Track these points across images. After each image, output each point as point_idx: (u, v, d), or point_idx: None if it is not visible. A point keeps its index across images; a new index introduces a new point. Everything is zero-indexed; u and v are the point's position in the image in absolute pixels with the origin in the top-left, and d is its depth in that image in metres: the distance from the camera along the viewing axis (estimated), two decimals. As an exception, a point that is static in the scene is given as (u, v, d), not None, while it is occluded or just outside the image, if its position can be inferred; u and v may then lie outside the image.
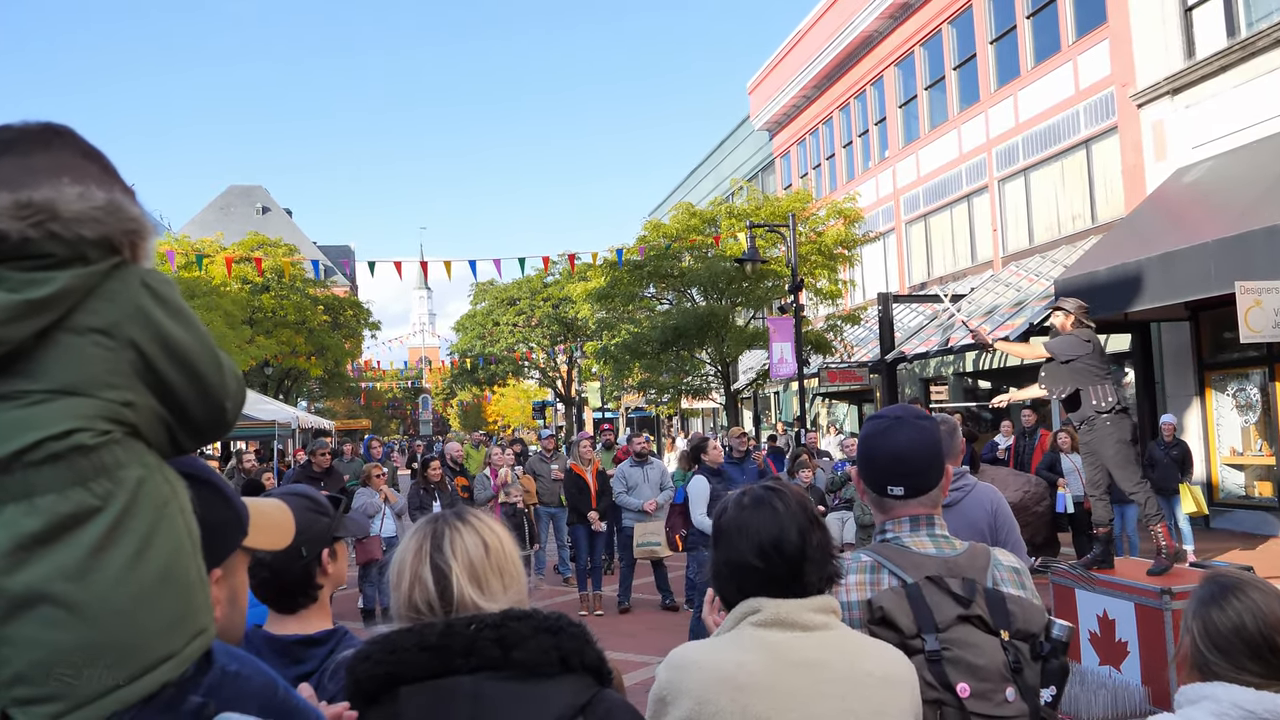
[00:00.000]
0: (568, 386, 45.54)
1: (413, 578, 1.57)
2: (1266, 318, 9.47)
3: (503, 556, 1.61)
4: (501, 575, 1.59)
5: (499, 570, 1.59)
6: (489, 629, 1.48)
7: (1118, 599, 6.25)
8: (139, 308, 1.26)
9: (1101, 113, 16.68)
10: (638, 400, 37.92)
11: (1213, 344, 14.35)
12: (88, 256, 1.22)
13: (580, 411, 47.90)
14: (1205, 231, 11.69)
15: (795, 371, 17.45)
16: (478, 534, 1.61)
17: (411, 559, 1.58)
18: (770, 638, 1.73)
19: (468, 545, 1.58)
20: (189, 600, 1.27)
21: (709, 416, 37.57)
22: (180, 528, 1.29)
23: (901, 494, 2.14)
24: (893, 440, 2.17)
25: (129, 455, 1.24)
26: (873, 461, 2.20)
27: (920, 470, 2.14)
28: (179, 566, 1.26)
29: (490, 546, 1.60)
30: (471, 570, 1.56)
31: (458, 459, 11.90)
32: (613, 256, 20.64)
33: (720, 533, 1.85)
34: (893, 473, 2.15)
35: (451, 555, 1.57)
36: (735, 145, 34.63)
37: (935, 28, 21.61)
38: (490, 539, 1.61)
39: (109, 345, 1.23)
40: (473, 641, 1.46)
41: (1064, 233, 17.88)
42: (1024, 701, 1.96)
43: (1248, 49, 13.15)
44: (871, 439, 2.22)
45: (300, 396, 41.76)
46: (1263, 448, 13.75)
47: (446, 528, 1.61)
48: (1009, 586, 2.07)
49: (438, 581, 1.55)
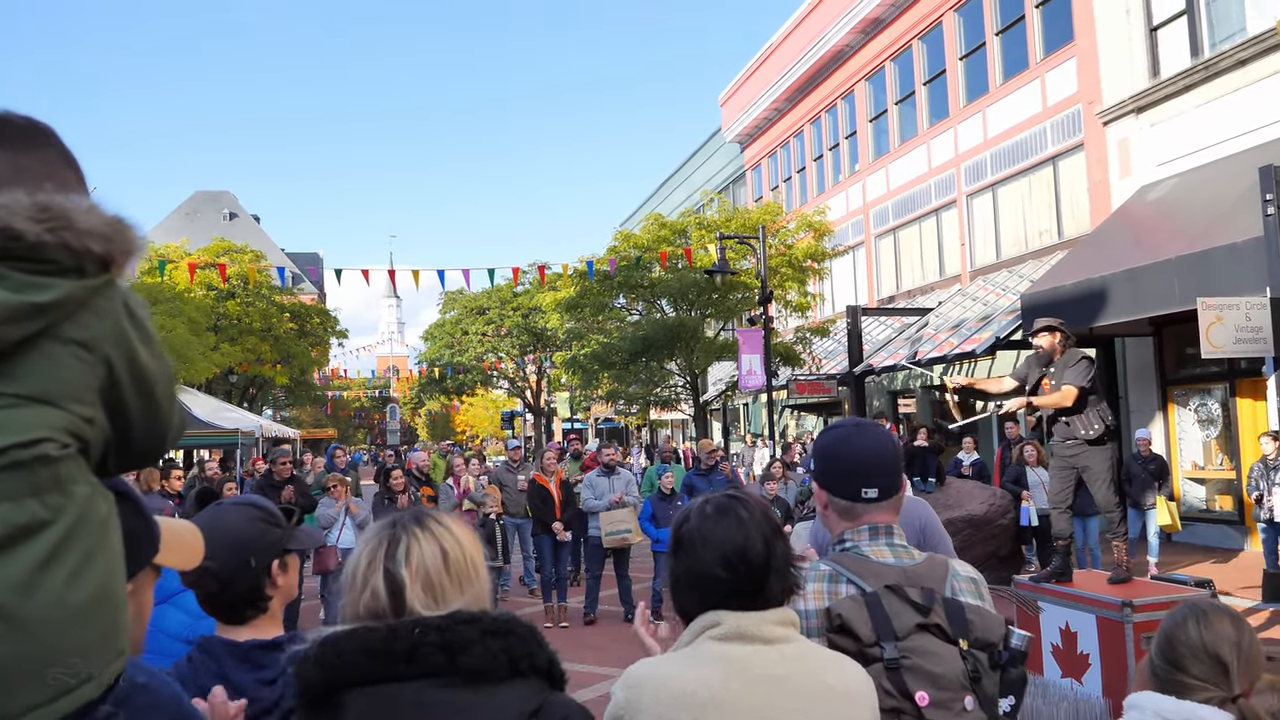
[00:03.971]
0: (537, 397, 45.37)
1: (364, 585, 1.50)
2: (1228, 333, 9.58)
3: (463, 564, 1.53)
4: (460, 584, 1.52)
5: (458, 579, 1.52)
6: (434, 632, 1.42)
7: (1079, 611, 6.30)
8: (119, 327, 1.26)
9: (1068, 130, 16.86)
10: (607, 411, 37.84)
11: (1175, 359, 14.51)
12: (85, 269, 1.23)
13: (549, 422, 47.74)
14: (1169, 248, 11.83)
15: (764, 383, 17.46)
16: (436, 541, 1.53)
17: (364, 566, 1.52)
18: (730, 652, 1.69)
19: (424, 554, 1.51)
20: (115, 620, 1.26)
21: (678, 428, 37.56)
22: (115, 546, 1.28)
23: (875, 496, 2.12)
24: (863, 444, 2.16)
25: (80, 471, 1.23)
26: (843, 466, 2.17)
27: (892, 471, 2.15)
28: (112, 586, 1.26)
29: (449, 554, 1.53)
30: (427, 580, 1.49)
31: (423, 469, 11.77)
32: (583, 267, 20.59)
33: (682, 542, 1.79)
34: (866, 475, 2.13)
35: (405, 564, 1.50)
36: (707, 157, 34.74)
37: (906, 43, 21.79)
38: (450, 545, 1.54)
39: (87, 359, 1.22)
40: (415, 646, 1.40)
41: (1031, 248, 18.04)
42: (983, 711, 1.95)
43: (1211, 69, 13.35)
44: (837, 446, 2.19)
45: (265, 405, 41.30)
46: (1224, 462, 13.90)
47: (404, 534, 1.53)
48: (967, 596, 2.07)
49: (391, 593, 1.48)
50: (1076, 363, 6.64)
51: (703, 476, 10.69)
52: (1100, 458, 6.62)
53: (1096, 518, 10.48)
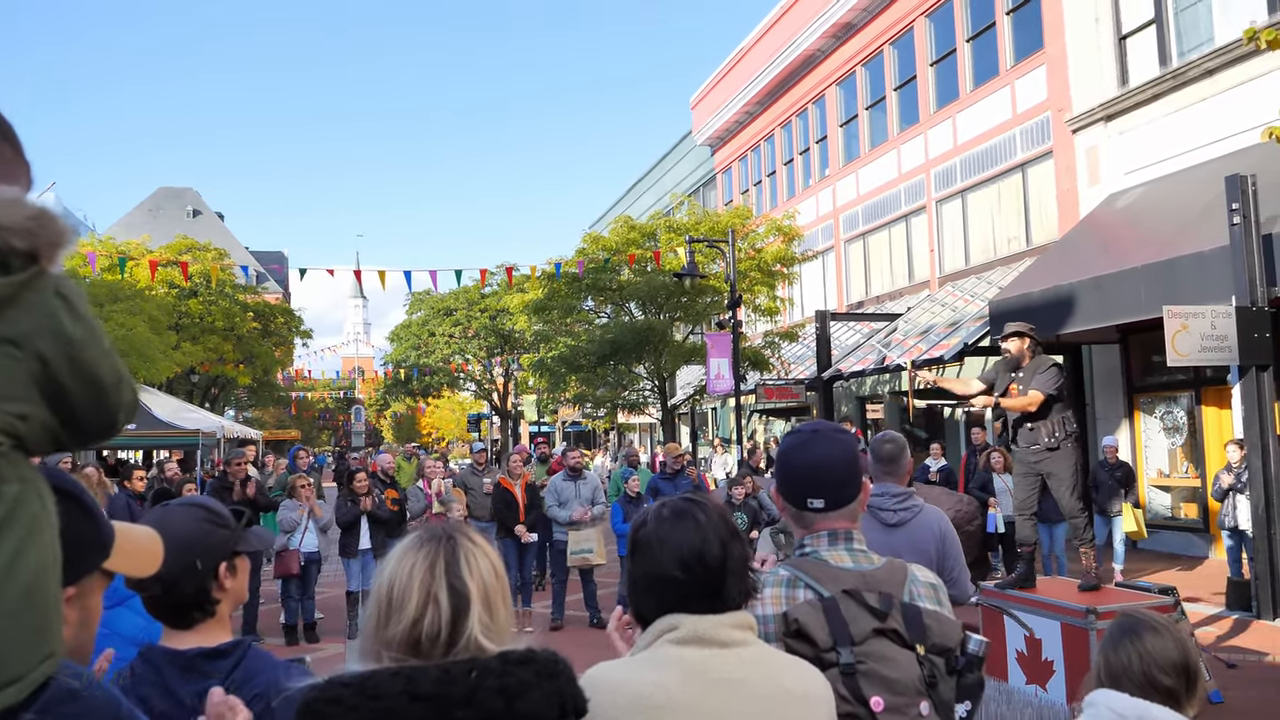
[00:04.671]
0: (504, 399, 45.09)
1: (425, 600, 1.34)
2: (1193, 342, 9.58)
3: (504, 582, 1.46)
4: (504, 603, 1.43)
5: (503, 598, 1.42)
6: (492, 676, 1.29)
7: (1044, 618, 6.35)
8: (52, 318, 1.23)
9: (1037, 137, 16.93)
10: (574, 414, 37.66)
11: (1141, 367, 14.58)
12: (9, 265, 1.19)
13: (516, 425, 47.46)
14: (1135, 256, 11.87)
15: (732, 387, 17.38)
16: (488, 555, 1.43)
17: (424, 577, 1.36)
18: (688, 655, 1.67)
19: (482, 567, 1.40)
20: (46, 620, 1.23)
21: (645, 431, 37.44)
22: (48, 545, 1.25)
23: (821, 506, 2.13)
24: (812, 453, 2.16)
25: (11, 470, 1.21)
26: (792, 474, 2.18)
27: (839, 482, 2.13)
28: (42, 585, 1.22)
29: (498, 570, 1.44)
30: (485, 596, 1.38)
31: (389, 471, 11.57)
32: (551, 269, 20.43)
33: (639, 545, 1.78)
34: (812, 485, 2.13)
35: (469, 576, 1.37)
36: (677, 160, 34.68)
37: (877, 49, 21.83)
38: (497, 562, 1.45)
39: (15, 356, 1.20)
40: (474, 691, 1.28)
41: (999, 254, 18.10)
42: (938, 716, 1.97)
43: (1179, 78, 13.43)
44: (790, 453, 2.20)
45: (228, 405, 40.75)
46: (1189, 470, 13.98)
47: (459, 544, 1.41)
48: (925, 601, 2.08)
49: (455, 607, 1.35)
50: (1046, 369, 6.65)
51: (668, 480, 10.57)
52: (1063, 464, 6.63)
53: (1063, 524, 10.48)
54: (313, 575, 10.19)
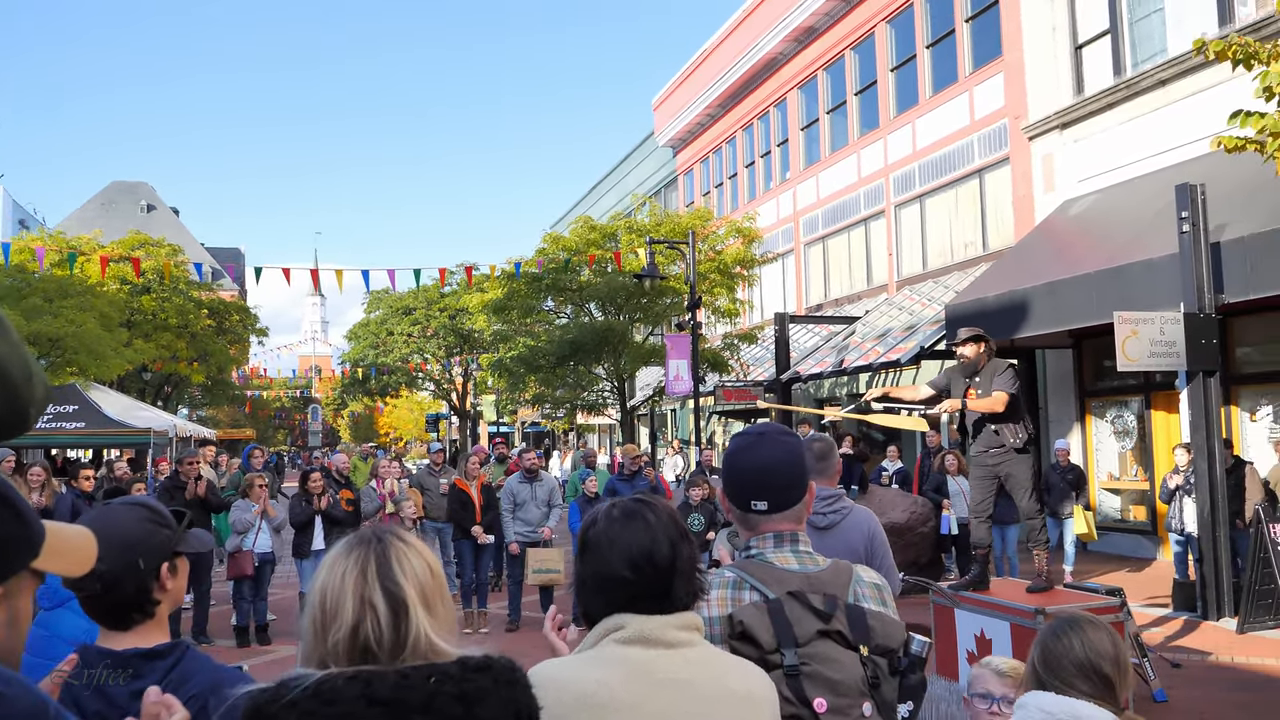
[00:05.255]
0: (463, 399, 44.80)
1: (361, 606, 1.30)
2: (1142, 347, 9.74)
3: (443, 580, 1.44)
4: (443, 603, 1.39)
5: (441, 597, 1.39)
6: (451, 682, 1.26)
7: (994, 619, 6.44)
8: None
9: (995, 143, 17.14)
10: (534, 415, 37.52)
11: (1093, 371, 14.81)
12: None
13: (475, 425, 47.17)
14: (1088, 262, 12.04)
15: (691, 389, 17.40)
16: (422, 555, 1.39)
17: (355, 583, 1.32)
18: (633, 655, 1.68)
19: (416, 567, 1.36)
20: None
21: (605, 432, 37.39)
22: None
23: (765, 509, 2.14)
24: (756, 456, 2.17)
25: None
26: (736, 477, 2.19)
27: (783, 485, 2.14)
28: None
29: (434, 569, 1.41)
30: (424, 596, 1.35)
31: (344, 471, 11.44)
32: (510, 269, 20.34)
33: (589, 545, 1.79)
34: (756, 488, 2.14)
35: (404, 578, 1.34)
36: (639, 161, 34.68)
37: (838, 53, 21.98)
38: (432, 561, 1.41)
39: None
40: (433, 696, 1.25)
41: (957, 259, 18.30)
42: (881, 716, 1.99)
43: (1132, 88, 13.65)
44: (735, 455, 2.22)
45: (181, 404, 40.09)
46: (1138, 473, 14.21)
47: (391, 546, 1.37)
48: (870, 602, 2.09)
49: (394, 611, 1.31)
50: (1004, 371, 6.73)
51: (626, 481, 10.56)
52: (1023, 466, 6.73)
53: (1015, 526, 10.61)
54: (266, 576, 10.05)
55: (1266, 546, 8.81)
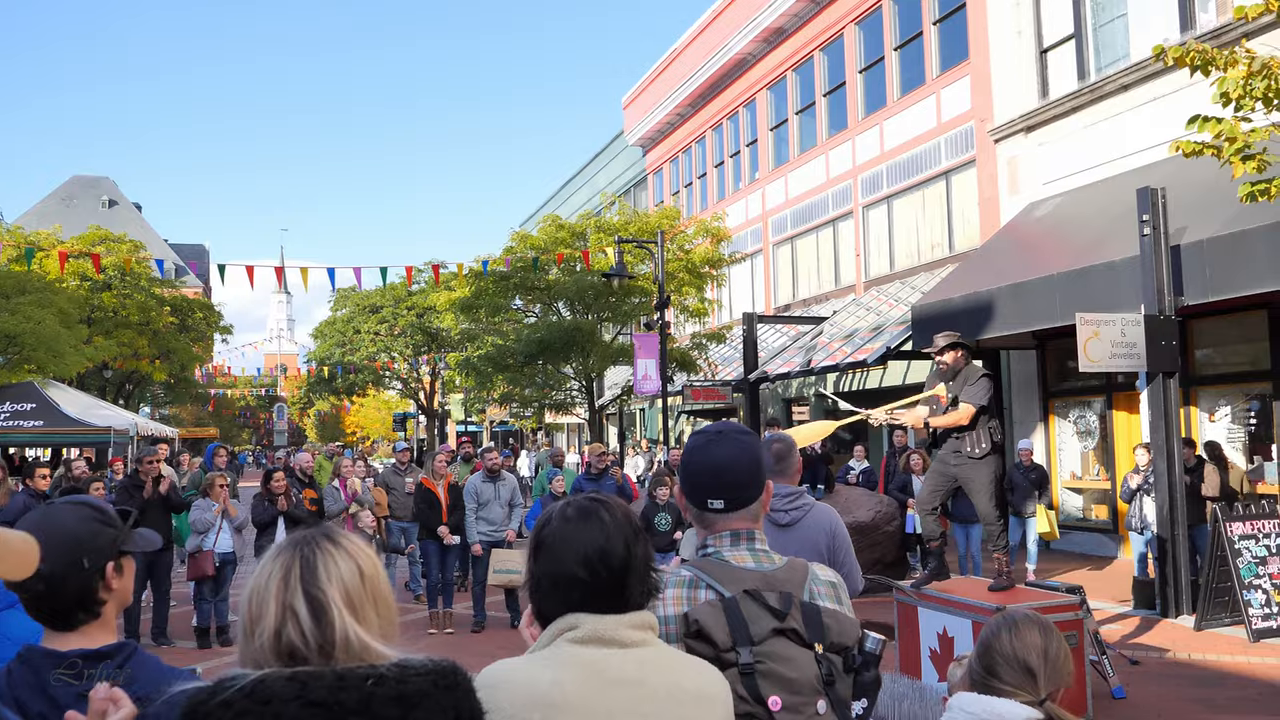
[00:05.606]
0: (430, 399, 44.55)
1: (282, 611, 1.31)
2: (1104, 349, 9.84)
3: (377, 583, 1.41)
4: (376, 606, 1.37)
5: (374, 600, 1.37)
6: (389, 684, 1.25)
7: (957, 617, 6.47)
8: None
9: (961, 146, 17.27)
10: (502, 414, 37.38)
11: (1057, 372, 14.96)
12: None
13: (443, 424, 46.93)
14: (1052, 264, 12.17)
15: (659, 388, 17.40)
16: (351, 558, 1.38)
17: (277, 588, 1.33)
18: (587, 655, 1.67)
19: (343, 571, 1.35)
20: None
21: (574, 432, 37.33)
22: None
23: (721, 507, 2.14)
24: (713, 455, 2.17)
25: None
26: (693, 476, 2.19)
27: (740, 484, 2.15)
28: None
29: (365, 572, 1.38)
30: (349, 600, 1.33)
31: (307, 470, 11.32)
32: (478, 267, 20.25)
33: (542, 545, 1.77)
34: (712, 486, 2.15)
35: (328, 582, 1.32)
36: (609, 160, 34.64)
37: (807, 54, 22.06)
38: (364, 563, 1.39)
39: None
40: (369, 698, 1.23)
41: (923, 260, 18.43)
42: (835, 714, 2.01)
43: (1096, 93, 13.81)
44: (692, 454, 2.22)
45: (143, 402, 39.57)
46: (1100, 473, 14.38)
47: (318, 550, 1.36)
48: (825, 600, 2.11)
49: (315, 615, 1.30)
50: (977, 381, 6.73)
51: (593, 481, 10.53)
52: (982, 472, 6.74)
53: (979, 525, 10.70)
54: (227, 576, 9.93)
55: (1224, 545, 8.94)
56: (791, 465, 3.93)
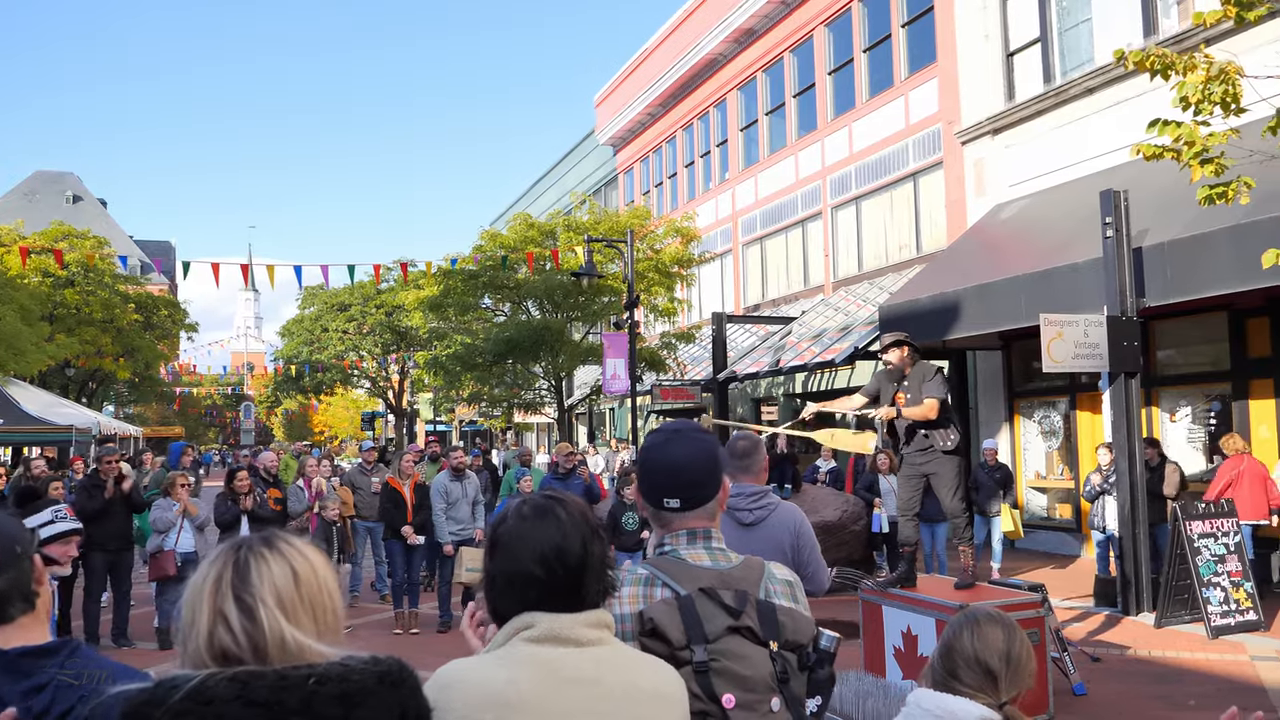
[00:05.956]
0: (399, 398, 44.27)
1: (214, 615, 1.30)
2: (1067, 349, 9.94)
3: (315, 587, 1.40)
4: (313, 609, 1.36)
5: (310, 603, 1.36)
6: (332, 683, 1.25)
7: (920, 615, 6.52)
8: None
9: (929, 147, 17.39)
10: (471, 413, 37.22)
11: (1022, 372, 15.10)
12: None
13: (412, 424, 46.66)
14: (1017, 265, 12.27)
15: (628, 388, 17.39)
16: (287, 561, 1.37)
17: (209, 592, 1.32)
18: (543, 654, 1.67)
19: (275, 575, 1.34)
20: None
21: (543, 431, 37.24)
22: None
23: (677, 506, 2.15)
24: (669, 453, 2.18)
25: None
26: (650, 474, 2.20)
27: (696, 482, 2.15)
28: None
29: (301, 576, 1.37)
30: (283, 604, 1.32)
31: (271, 470, 11.21)
32: (447, 265, 20.14)
33: (498, 542, 1.76)
34: (668, 485, 2.15)
35: (261, 586, 1.32)
36: (580, 159, 34.58)
37: (777, 55, 22.14)
38: (301, 566, 1.38)
39: None
40: (311, 697, 1.23)
41: (891, 261, 18.54)
42: (789, 711, 2.02)
43: (1061, 96, 13.95)
44: (649, 452, 2.23)
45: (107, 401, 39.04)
46: (1064, 472, 14.54)
47: (251, 555, 1.36)
48: (781, 598, 2.11)
49: (246, 619, 1.30)
50: (933, 376, 6.81)
51: (561, 480, 10.50)
52: (949, 466, 6.83)
53: (944, 524, 10.78)
54: (189, 577, 9.78)
55: (1183, 543, 9.06)
56: (757, 464, 3.93)
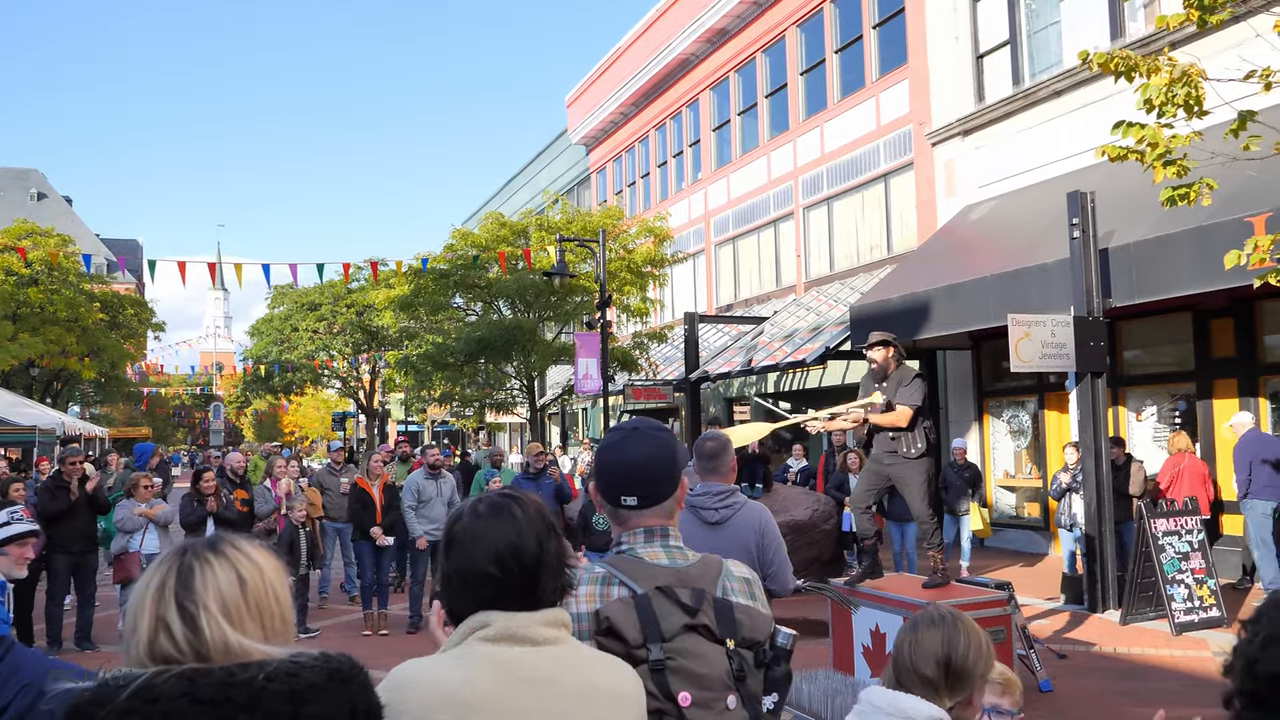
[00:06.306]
0: (370, 398, 43.96)
1: (155, 622, 1.27)
2: (1034, 349, 10.02)
3: (263, 593, 1.35)
4: (261, 615, 1.33)
5: (258, 609, 1.33)
6: (280, 680, 1.22)
7: (889, 613, 6.54)
8: None
9: (900, 148, 17.49)
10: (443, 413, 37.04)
11: (991, 372, 15.22)
12: None
13: (383, 424, 46.37)
14: (986, 266, 12.37)
15: (600, 388, 17.36)
16: (233, 567, 1.34)
17: (151, 599, 1.29)
18: (498, 653, 1.66)
19: (220, 582, 1.31)
20: None
21: (515, 431, 37.11)
22: None
23: (635, 504, 2.14)
24: (626, 451, 2.17)
25: None
26: (607, 472, 2.19)
27: (653, 480, 2.14)
28: None
29: (248, 582, 1.34)
30: (228, 610, 1.30)
31: (238, 470, 11.09)
32: (417, 264, 20.02)
33: (453, 541, 1.74)
34: (626, 483, 2.14)
35: (204, 592, 1.29)
36: (552, 158, 34.51)
37: (749, 55, 22.19)
38: (248, 572, 1.34)
39: None
40: (259, 694, 1.21)
41: (862, 261, 18.63)
42: (745, 709, 2.02)
43: (1030, 98, 14.07)
44: (606, 451, 2.22)
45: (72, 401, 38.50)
46: (1032, 471, 14.66)
47: (196, 561, 1.33)
48: (738, 596, 2.10)
49: (187, 626, 1.27)
50: (911, 382, 6.79)
51: (531, 480, 10.46)
52: (915, 472, 6.81)
53: (914, 524, 10.84)
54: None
55: (1148, 541, 9.16)
56: (725, 464, 3.92)
